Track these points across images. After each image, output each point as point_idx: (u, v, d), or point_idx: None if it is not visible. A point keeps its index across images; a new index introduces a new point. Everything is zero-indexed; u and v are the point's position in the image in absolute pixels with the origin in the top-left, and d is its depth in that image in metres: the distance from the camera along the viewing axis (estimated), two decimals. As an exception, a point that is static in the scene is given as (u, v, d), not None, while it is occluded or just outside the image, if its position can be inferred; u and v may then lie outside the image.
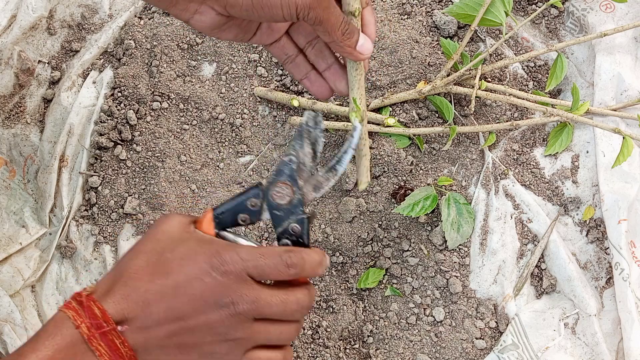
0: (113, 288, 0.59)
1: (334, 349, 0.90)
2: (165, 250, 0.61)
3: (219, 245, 0.61)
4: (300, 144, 0.64)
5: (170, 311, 0.59)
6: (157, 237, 0.62)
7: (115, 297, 0.58)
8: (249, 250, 0.61)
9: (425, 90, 0.92)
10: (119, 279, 0.60)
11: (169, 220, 0.63)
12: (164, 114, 1.00)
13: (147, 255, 0.61)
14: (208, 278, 0.59)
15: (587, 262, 0.89)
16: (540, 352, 0.84)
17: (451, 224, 0.89)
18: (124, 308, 0.58)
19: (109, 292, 0.59)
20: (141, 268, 0.60)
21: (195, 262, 0.60)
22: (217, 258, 0.59)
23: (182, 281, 0.59)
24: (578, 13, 0.96)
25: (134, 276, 0.59)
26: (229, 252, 0.60)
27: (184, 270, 0.59)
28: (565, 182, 0.92)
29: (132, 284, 0.59)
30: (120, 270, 0.61)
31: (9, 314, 0.89)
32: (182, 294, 0.59)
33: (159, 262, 0.60)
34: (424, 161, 0.95)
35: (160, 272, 0.60)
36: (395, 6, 1.01)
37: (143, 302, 0.59)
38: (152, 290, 0.59)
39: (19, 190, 1.00)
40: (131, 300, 0.58)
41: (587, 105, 0.89)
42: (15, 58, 1.00)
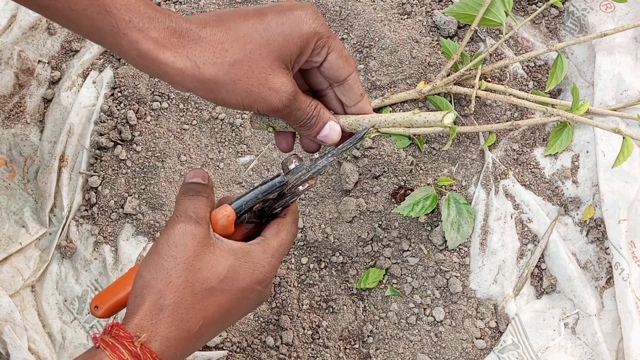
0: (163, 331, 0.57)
1: (334, 349, 0.90)
2: (209, 280, 0.60)
3: (257, 256, 0.63)
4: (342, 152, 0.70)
5: (218, 330, 0.63)
6: (191, 265, 0.59)
7: (170, 342, 0.57)
8: (277, 246, 0.65)
9: (425, 90, 0.92)
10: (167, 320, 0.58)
11: (191, 238, 0.60)
12: (164, 114, 1.00)
13: (191, 290, 0.59)
14: (254, 293, 0.63)
15: (587, 262, 0.89)
16: (540, 352, 0.84)
17: (451, 224, 0.89)
18: (176, 349, 0.58)
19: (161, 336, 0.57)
20: (191, 307, 0.59)
21: (244, 284, 0.62)
22: (261, 272, 0.63)
23: (234, 306, 0.62)
24: (578, 13, 0.96)
25: (185, 317, 0.58)
26: (267, 261, 0.64)
27: (234, 297, 0.61)
28: (565, 182, 0.92)
29: (186, 325, 0.58)
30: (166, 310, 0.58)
31: (9, 314, 0.89)
32: (232, 314, 0.63)
33: (208, 294, 0.60)
34: (424, 161, 0.95)
35: (212, 306, 0.60)
36: (395, 6, 1.01)
37: (197, 338, 0.60)
38: (206, 325, 0.60)
39: (19, 190, 1.00)
40: (185, 341, 0.59)
41: (587, 105, 0.89)
42: (15, 58, 1.00)
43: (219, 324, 0.62)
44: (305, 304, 0.91)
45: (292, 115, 0.65)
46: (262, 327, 0.91)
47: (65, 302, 0.95)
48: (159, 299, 0.58)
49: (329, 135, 0.68)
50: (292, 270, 0.93)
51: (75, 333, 0.93)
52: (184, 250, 0.59)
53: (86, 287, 0.95)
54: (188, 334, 0.58)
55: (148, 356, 0.55)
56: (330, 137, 0.69)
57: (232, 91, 0.60)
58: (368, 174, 0.93)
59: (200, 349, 0.90)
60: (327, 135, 0.68)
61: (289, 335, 0.89)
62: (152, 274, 0.59)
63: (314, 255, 0.93)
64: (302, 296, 0.92)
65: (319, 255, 0.93)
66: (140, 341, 0.56)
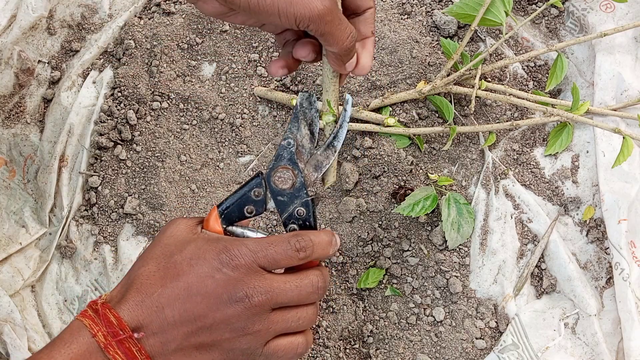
0: (126, 295, 0.59)
1: (334, 349, 0.90)
2: (174, 253, 0.61)
3: (227, 241, 0.61)
4: (296, 127, 0.64)
5: (185, 312, 0.59)
6: (164, 242, 0.63)
7: (129, 303, 0.59)
8: (256, 241, 0.61)
9: (425, 90, 0.92)
10: (132, 286, 0.60)
11: (175, 224, 0.64)
12: (164, 114, 1.00)
13: (156, 261, 0.61)
14: (219, 275, 0.59)
15: (587, 262, 0.89)
16: (540, 352, 0.84)
17: (451, 224, 0.89)
18: (138, 314, 0.58)
19: (122, 299, 0.59)
20: (152, 273, 0.61)
21: (205, 260, 0.60)
22: (226, 254, 0.60)
23: (193, 281, 0.59)
24: (578, 13, 0.96)
25: (145, 282, 0.60)
26: (236, 246, 0.60)
27: (194, 270, 0.59)
28: (565, 182, 0.92)
29: (145, 289, 0.59)
30: (132, 278, 0.61)
31: (9, 314, 0.89)
32: (194, 294, 0.59)
33: (169, 265, 0.61)
34: (424, 161, 0.95)
35: (171, 275, 0.60)
36: (395, 6, 1.01)
37: (157, 306, 0.59)
38: (165, 294, 0.59)
39: (19, 190, 1.00)
40: (145, 306, 0.59)
41: (587, 105, 0.89)
42: (15, 58, 1.00)
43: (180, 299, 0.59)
44: (305, 304, 0.91)
45: (335, 26, 0.59)
46: (262, 327, 0.91)
47: (65, 302, 0.95)
48: (130, 271, 0.63)
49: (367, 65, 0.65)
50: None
51: (75, 333, 0.93)
52: (163, 232, 0.64)
53: (86, 287, 0.95)
54: (146, 298, 0.59)
55: (107, 311, 0.58)
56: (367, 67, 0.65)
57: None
58: (368, 174, 0.93)
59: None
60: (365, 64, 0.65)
61: (289, 335, 0.90)
62: (138, 259, 0.64)
63: (314, 255, 0.93)
64: (302, 296, 0.92)
65: (319, 255, 0.93)
66: (101, 300, 0.60)
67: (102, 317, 0.57)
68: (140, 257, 0.63)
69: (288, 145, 0.64)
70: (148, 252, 0.63)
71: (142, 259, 0.63)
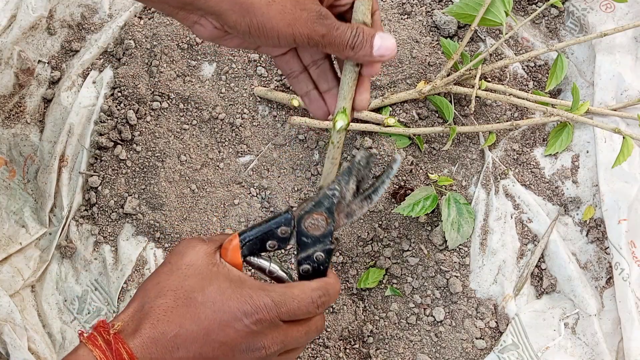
0: (140, 329, 0.58)
1: (334, 349, 0.90)
2: (195, 290, 0.60)
3: (251, 289, 0.61)
4: (346, 180, 0.64)
5: (200, 356, 0.59)
6: (183, 272, 0.61)
7: (144, 339, 0.58)
8: (281, 293, 0.61)
9: (425, 90, 0.92)
10: (146, 318, 0.58)
11: (193, 250, 0.62)
12: (164, 114, 1.00)
13: (174, 294, 0.60)
14: (240, 325, 0.60)
15: (587, 262, 0.89)
16: (541, 352, 0.84)
17: (451, 224, 0.89)
18: (152, 352, 0.58)
19: (136, 332, 0.58)
20: (170, 309, 0.59)
21: (228, 308, 0.59)
22: (250, 305, 0.60)
23: (214, 328, 0.59)
24: (578, 13, 0.96)
25: (162, 318, 0.58)
26: (261, 297, 0.60)
27: (216, 316, 0.59)
28: (565, 182, 0.92)
29: (161, 327, 0.58)
30: (147, 309, 0.59)
31: (9, 314, 0.89)
32: (213, 340, 0.59)
33: (189, 304, 0.59)
34: (424, 161, 0.95)
35: (191, 316, 0.59)
36: (395, 6, 1.01)
37: (172, 347, 0.58)
38: (182, 335, 0.58)
39: (19, 190, 1.00)
40: (160, 345, 0.58)
41: (587, 105, 0.89)
42: (15, 58, 1.00)
43: (197, 342, 0.59)
44: (305, 304, 0.91)
45: (333, 36, 0.60)
46: (262, 327, 0.91)
47: (65, 302, 0.95)
48: (144, 297, 0.60)
49: (385, 46, 0.62)
50: (292, 270, 0.93)
51: (75, 333, 0.93)
52: (180, 257, 0.62)
53: (86, 287, 0.95)
54: (162, 336, 0.58)
55: (120, 345, 0.57)
56: (388, 47, 0.62)
57: (267, 13, 0.58)
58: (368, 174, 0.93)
59: None
60: (383, 46, 0.62)
61: (289, 335, 0.90)
62: (150, 277, 0.62)
63: (314, 255, 0.93)
64: (302, 296, 0.92)
65: (319, 255, 0.93)
66: (114, 329, 0.57)
67: (115, 352, 0.56)
68: (155, 284, 0.61)
69: (332, 196, 0.64)
70: (165, 281, 0.60)
71: (157, 287, 0.60)
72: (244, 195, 0.97)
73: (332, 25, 0.61)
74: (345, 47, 0.61)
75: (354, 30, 0.62)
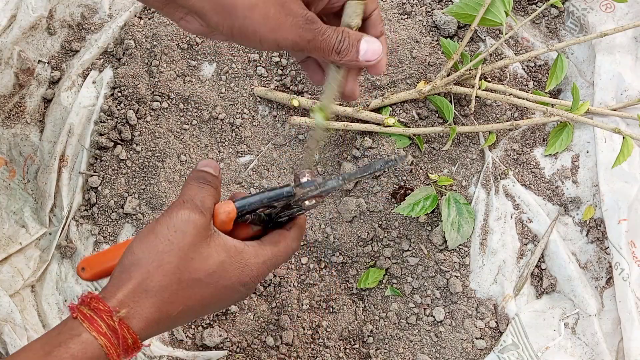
0: (143, 311, 0.57)
1: (334, 349, 0.90)
2: (198, 271, 0.60)
3: (248, 259, 0.63)
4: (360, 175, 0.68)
5: (195, 317, 0.64)
6: (181, 247, 0.60)
7: (148, 322, 0.58)
8: (272, 256, 0.65)
9: (425, 90, 0.92)
10: (150, 301, 0.58)
11: (194, 228, 0.61)
12: (164, 114, 1.00)
13: (179, 277, 0.59)
14: (237, 292, 0.64)
15: (587, 262, 0.89)
16: (541, 352, 0.84)
17: (451, 223, 0.89)
18: (153, 332, 0.59)
19: (138, 314, 0.57)
20: (175, 292, 0.59)
21: (229, 282, 0.62)
22: (249, 276, 0.63)
23: (214, 300, 0.62)
24: (578, 13, 0.96)
25: (167, 300, 0.59)
26: (258, 267, 0.64)
27: (218, 292, 0.62)
28: (565, 182, 0.92)
29: (166, 309, 0.59)
30: (151, 292, 0.58)
31: (9, 314, 0.89)
32: (210, 307, 0.63)
33: (193, 285, 0.60)
34: (424, 161, 0.95)
35: (194, 297, 0.61)
36: (395, 6, 1.01)
37: (172, 322, 0.60)
38: (184, 312, 0.60)
39: (19, 190, 1.00)
40: (162, 323, 0.59)
41: (587, 105, 0.89)
42: (15, 58, 1.00)
43: (197, 312, 0.62)
44: (305, 304, 0.91)
45: (318, 41, 0.60)
46: (262, 327, 0.91)
47: (65, 302, 0.95)
48: (146, 279, 0.58)
49: (371, 50, 0.62)
50: (292, 270, 0.93)
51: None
52: (182, 236, 0.60)
53: (86, 287, 0.95)
54: (167, 316, 0.59)
55: (126, 332, 0.56)
56: (375, 50, 0.62)
57: (249, 16, 0.58)
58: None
59: (199, 349, 0.90)
60: (369, 50, 0.62)
61: (289, 335, 0.89)
62: (144, 253, 0.59)
63: (314, 255, 0.93)
64: (302, 296, 0.92)
65: (319, 255, 0.93)
66: (119, 316, 0.56)
67: (122, 339, 0.55)
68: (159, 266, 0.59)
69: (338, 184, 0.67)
70: (169, 263, 0.59)
71: (161, 269, 0.59)
72: (244, 195, 0.97)
73: (318, 30, 0.60)
74: (331, 52, 0.61)
75: (340, 35, 0.61)
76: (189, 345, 0.90)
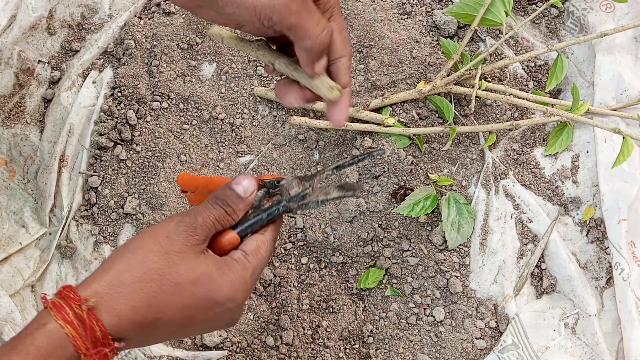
0: (118, 309, 0.54)
1: (334, 349, 0.90)
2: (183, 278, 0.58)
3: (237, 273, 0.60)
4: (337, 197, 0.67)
5: (175, 334, 0.59)
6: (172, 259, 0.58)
7: (121, 320, 0.54)
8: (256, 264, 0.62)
9: (425, 90, 0.92)
10: (127, 300, 0.55)
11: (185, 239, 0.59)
12: (164, 114, 1.00)
13: (160, 280, 0.57)
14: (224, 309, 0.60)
15: (587, 262, 0.89)
16: (541, 352, 0.84)
17: (451, 224, 0.89)
18: (127, 333, 0.55)
19: (112, 310, 0.54)
20: (154, 295, 0.56)
21: (216, 295, 0.59)
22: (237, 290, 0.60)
23: (197, 314, 0.58)
24: (578, 13, 0.96)
25: (145, 303, 0.56)
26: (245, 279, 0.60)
27: (202, 304, 0.58)
28: (565, 182, 0.92)
29: (142, 311, 0.55)
30: (129, 289, 0.56)
31: (9, 314, 0.89)
32: (193, 322, 0.59)
33: (174, 292, 0.57)
34: (424, 161, 0.95)
35: (176, 305, 0.57)
36: (395, 6, 1.01)
37: (150, 329, 0.56)
38: (163, 320, 0.57)
39: (19, 190, 1.00)
40: (137, 326, 0.55)
41: (587, 105, 0.89)
42: (15, 58, 1.00)
43: (177, 327, 0.58)
44: (305, 304, 0.91)
45: (302, 19, 0.54)
46: (262, 327, 0.91)
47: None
48: (125, 272, 0.56)
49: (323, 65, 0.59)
50: (292, 270, 0.93)
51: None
52: (171, 243, 0.58)
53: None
54: (141, 320, 0.55)
55: (94, 323, 0.53)
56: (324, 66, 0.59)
57: None
58: (368, 174, 0.93)
59: (199, 349, 0.90)
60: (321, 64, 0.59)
61: (289, 335, 0.89)
62: (133, 248, 0.58)
63: (314, 255, 0.93)
64: (302, 296, 0.92)
65: (319, 255, 0.93)
66: (88, 305, 0.53)
67: (89, 330, 0.52)
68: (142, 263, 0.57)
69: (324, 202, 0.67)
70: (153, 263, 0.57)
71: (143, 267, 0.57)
72: (244, 195, 0.96)
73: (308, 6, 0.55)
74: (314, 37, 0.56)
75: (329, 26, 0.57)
76: (189, 345, 0.90)
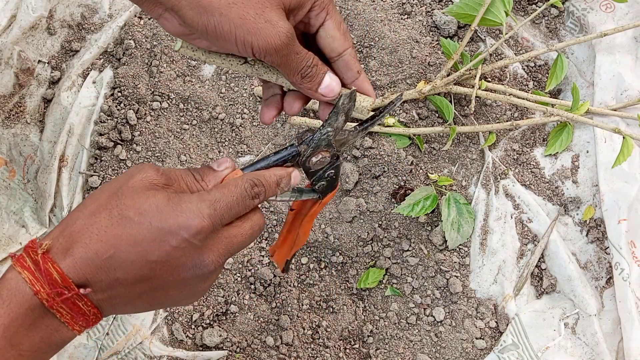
0: (72, 249, 0.54)
1: (334, 349, 0.90)
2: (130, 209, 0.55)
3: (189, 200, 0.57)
4: (335, 118, 0.65)
5: (140, 277, 0.56)
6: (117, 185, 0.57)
7: (75, 259, 0.53)
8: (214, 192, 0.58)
9: (425, 90, 0.92)
10: (78, 239, 0.54)
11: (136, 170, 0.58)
12: (164, 114, 1.00)
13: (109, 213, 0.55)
14: (179, 241, 0.56)
15: (587, 262, 0.89)
16: (541, 352, 0.84)
17: (451, 224, 0.89)
18: (86, 272, 0.54)
19: (67, 253, 0.54)
20: (103, 229, 0.54)
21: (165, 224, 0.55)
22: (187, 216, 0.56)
23: (152, 248, 0.55)
24: (578, 13, 0.96)
25: (95, 238, 0.54)
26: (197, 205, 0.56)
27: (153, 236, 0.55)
28: (565, 182, 0.92)
29: (94, 247, 0.54)
30: (79, 227, 0.55)
31: (9, 314, 0.89)
32: (151, 261, 0.55)
33: (123, 224, 0.55)
34: (424, 161, 0.95)
35: (127, 238, 0.55)
36: (395, 6, 1.01)
37: (107, 267, 0.54)
38: (118, 258, 0.54)
39: (19, 190, 1.00)
40: (94, 265, 0.54)
41: (587, 105, 0.89)
42: (15, 58, 1.00)
43: (135, 264, 0.55)
44: (305, 304, 0.91)
45: (291, 59, 0.60)
46: (262, 327, 0.91)
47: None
48: (78, 211, 0.56)
49: (331, 86, 0.64)
50: (292, 270, 0.93)
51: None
52: (128, 179, 0.58)
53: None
54: (96, 257, 0.54)
55: (49, 265, 0.53)
56: (333, 88, 0.64)
57: (226, 14, 0.57)
58: (368, 174, 0.93)
59: (199, 349, 0.90)
60: (330, 85, 0.63)
61: (289, 335, 0.90)
62: (90, 194, 0.58)
63: (314, 255, 0.93)
64: (302, 296, 0.92)
65: (319, 255, 0.93)
66: (42, 248, 0.53)
67: (44, 272, 0.52)
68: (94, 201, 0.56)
69: (328, 134, 0.65)
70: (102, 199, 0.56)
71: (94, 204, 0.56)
72: (244, 195, 0.97)
73: (294, 47, 0.60)
74: (296, 74, 0.62)
75: (310, 61, 0.62)
76: (189, 345, 0.90)
